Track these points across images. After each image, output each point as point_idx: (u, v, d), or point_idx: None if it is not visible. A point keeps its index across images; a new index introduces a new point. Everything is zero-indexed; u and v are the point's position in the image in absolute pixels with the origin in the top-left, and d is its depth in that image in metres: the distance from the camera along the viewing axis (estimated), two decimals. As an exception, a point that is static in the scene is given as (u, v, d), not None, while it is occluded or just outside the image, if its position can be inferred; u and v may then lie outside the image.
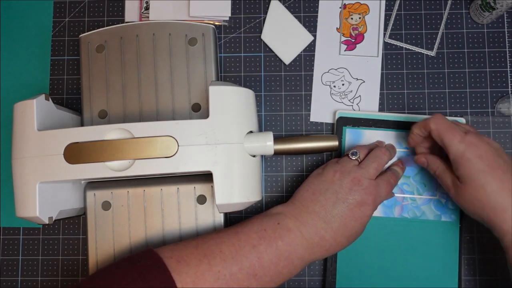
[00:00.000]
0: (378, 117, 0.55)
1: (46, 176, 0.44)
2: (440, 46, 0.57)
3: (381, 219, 0.53)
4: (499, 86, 0.56)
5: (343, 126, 0.55)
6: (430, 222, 0.53)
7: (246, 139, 0.46)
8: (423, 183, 0.54)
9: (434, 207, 0.53)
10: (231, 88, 0.46)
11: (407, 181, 0.54)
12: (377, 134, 0.54)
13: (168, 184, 0.51)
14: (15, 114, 0.46)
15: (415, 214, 0.53)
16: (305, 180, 0.48)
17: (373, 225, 0.52)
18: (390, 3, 0.58)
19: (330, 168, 0.47)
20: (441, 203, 0.53)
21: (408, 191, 0.54)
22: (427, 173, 0.53)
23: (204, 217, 0.51)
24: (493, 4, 0.52)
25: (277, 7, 0.58)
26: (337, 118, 0.55)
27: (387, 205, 0.53)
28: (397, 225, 0.53)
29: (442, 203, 0.53)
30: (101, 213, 0.51)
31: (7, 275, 0.56)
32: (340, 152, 0.55)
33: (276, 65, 0.58)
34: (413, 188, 0.54)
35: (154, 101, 0.53)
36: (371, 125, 0.54)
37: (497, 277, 0.54)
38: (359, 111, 0.56)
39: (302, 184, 0.48)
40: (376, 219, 0.53)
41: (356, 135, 0.55)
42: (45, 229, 0.57)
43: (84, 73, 0.54)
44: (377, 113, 0.55)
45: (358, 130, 0.55)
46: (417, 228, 0.53)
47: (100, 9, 0.59)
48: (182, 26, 0.54)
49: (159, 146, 0.44)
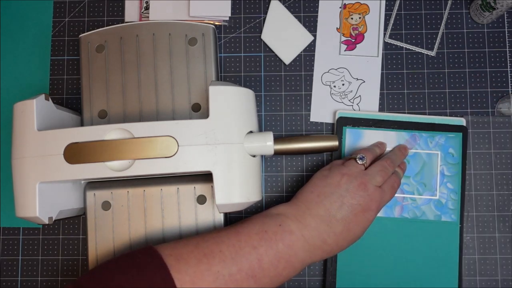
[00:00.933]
0: (378, 117, 0.55)
1: (46, 176, 0.44)
2: (440, 46, 0.57)
3: (381, 219, 0.53)
4: (499, 86, 0.56)
5: (343, 126, 0.55)
6: (430, 222, 0.53)
7: (246, 139, 0.46)
8: (423, 183, 0.54)
9: (434, 207, 0.53)
10: (231, 88, 0.46)
11: (407, 181, 0.54)
12: (378, 134, 0.54)
13: (168, 184, 0.51)
14: (15, 114, 0.46)
15: (415, 214, 0.53)
16: (309, 180, 0.48)
17: (373, 225, 0.52)
18: (390, 3, 0.58)
19: (337, 171, 0.46)
20: (441, 203, 0.53)
21: (408, 191, 0.54)
22: (427, 173, 0.53)
23: (204, 217, 0.51)
24: (493, 4, 0.52)
25: (277, 7, 0.58)
26: (337, 118, 0.55)
27: (387, 205, 0.53)
28: (397, 225, 0.53)
29: (442, 203, 0.53)
30: (101, 213, 0.51)
31: (7, 275, 0.56)
32: (340, 151, 0.55)
33: (276, 65, 0.58)
34: (413, 188, 0.54)
35: (154, 101, 0.53)
36: (371, 125, 0.54)
37: (497, 277, 0.54)
38: (359, 111, 0.56)
39: (306, 185, 0.48)
40: (376, 219, 0.52)
41: (356, 135, 0.55)
42: (45, 229, 0.57)
43: (84, 73, 0.54)
44: (377, 113, 0.55)
45: (358, 130, 0.54)
46: (417, 228, 0.53)
47: (100, 9, 0.59)
48: (182, 26, 0.54)
49: (159, 146, 0.44)
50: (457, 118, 0.55)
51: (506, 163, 0.55)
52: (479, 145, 0.55)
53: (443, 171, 0.54)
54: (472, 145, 0.55)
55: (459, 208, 0.53)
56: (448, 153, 0.54)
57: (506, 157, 0.55)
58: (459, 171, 0.54)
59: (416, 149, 0.54)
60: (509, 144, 0.55)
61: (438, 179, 0.54)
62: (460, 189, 0.53)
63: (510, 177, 0.55)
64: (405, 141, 0.54)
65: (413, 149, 0.54)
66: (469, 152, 0.55)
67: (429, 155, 0.54)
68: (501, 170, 0.55)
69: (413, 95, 0.57)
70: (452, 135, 0.54)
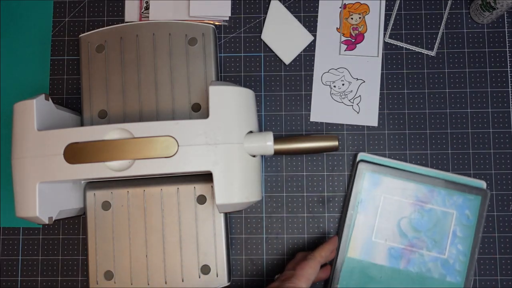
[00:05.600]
0: (400, 166, 0.55)
1: (46, 176, 0.44)
2: (440, 46, 0.57)
3: (386, 268, 0.53)
4: (499, 86, 0.56)
5: (363, 170, 0.54)
6: (434, 279, 0.52)
7: (246, 139, 0.46)
8: (433, 240, 0.53)
9: (441, 265, 0.52)
10: (231, 88, 0.46)
11: (418, 235, 0.53)
12: (396, 183, 0.54)
13: (168, 184, 0.51)
14: (15, 114, 0.46)
15: (421, 269, 0.53)
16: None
17: (377, 272, 0.53)
18: (390, 3, 0.58)
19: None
20: (449, 263, 0.53)
21: (417, 245, 0.53)
22: (439, 230, 0.53)
23: (204, 217, 0.51)
24: (493, 4, 0.52)
25: (277, 7, 0.58)
26: (358, 160, 0.55)
27: (394, 255, 0.53)
28: (401, 276, 0.53)
29: (449, 263, 0.53)
30: (101, 213, 0.51)
31: (7, 275, 0.56)
32: (352, 182, 0.54)
33: (276, 65, 0.58)
34: (423, 243, 0.53)
35: (154, 101, 0.53)
36: (392, 173, 0.54)
37: (497, 277, 0.54)
38: (382, 158, 0.55)
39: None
40: (380, 267, 0.53)
41: (375, 181, 0.54)
42: (45, 229, 0.57)
43: (84, 73, 0.54)
44: (399, 163, 0.55)
45: (378, 176, 0.54)
46: (420, 283, 0.52)
47: (100, 9, 0.59)
48: (182, 26, 0.54)
49: (159, 146, 0.44)
50: (478, 180, 0.54)
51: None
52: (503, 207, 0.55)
53: (455, 231, 0.53)
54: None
55: (465, 271, 0.52)
56: (463, 214, 0.53)
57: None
58: (472, 234, 0.53)
59: (432, 205, 0.53)
60: (509, 144, 0.55)
61: (449, 239, 0.53)
62: (470, 252, 0.53)
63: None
64: (422, 195, 0.53)
65: (429, 204, 0.53)
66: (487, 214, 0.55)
67: (444, 213, 0.53)
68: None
69: (413, 95, 0.57)
70: (471, 197, 0.53)
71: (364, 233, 0.54)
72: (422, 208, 0.54)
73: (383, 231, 0.54)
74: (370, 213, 0.54)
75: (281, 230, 0.56)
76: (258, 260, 0.56)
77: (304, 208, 0.56)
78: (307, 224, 0.56)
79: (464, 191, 0.53)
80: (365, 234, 0.54)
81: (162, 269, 0.51)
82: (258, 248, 0.56)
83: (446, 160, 0.56)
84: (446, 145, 0.56)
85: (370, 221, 0.54)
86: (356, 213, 0.54)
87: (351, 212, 0.54)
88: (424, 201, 0.53)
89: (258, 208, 0.56)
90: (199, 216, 0.51)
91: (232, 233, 0.56)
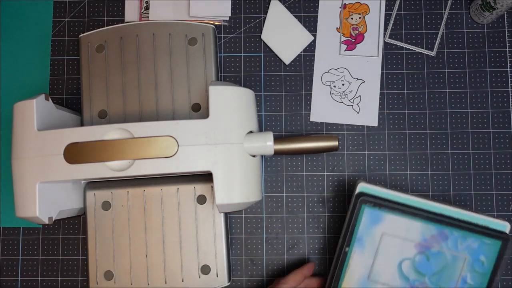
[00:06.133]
0: (405, 200, 0.47)
1: (46, 176, 0.44)
2: (440, 46, 0.57)
3: None
4: (499, 86, 0.56)
5: (362, 204, 0.47)
6: None
7: (246, 139, 0.46)
8: (439, 285, 0.47)
9: None
10: (231, 88, 0.46)
11: (421, 279, 0.47)
12: (400, 221, 0.47)
13: (168, 184, 0.51)
14: (15, 114, 0.46)
15: None
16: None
17: None
18: (390, 3, 0.58)
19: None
20: None
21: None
22: (446, 276, 0.47)
23: (204, 217, 0.51)
24: (493, 4, 0.52)
25: (277, 7, 0.58)
26: (356, 192, 0.48)
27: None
28: None
29: None
30: (101, 213, 0.51)
31: (7, 275, 0.56)
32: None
33: (276, 65, 0.58)
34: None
35: (154, 101, 0.53)
36: (395, 209, 0.47)
37: (497, 277, 0.54)
38: (385, 190, 0.48)
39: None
40: None
41: (375, 217, 0.47)
42: (45, 229, 0.57)
43: (84, 73, 0.54)
44: (405, 196, 0.48)
45: (379, 212, 0.47)
46: None
47: (100, 9, 0.59)
48: (182, 26, 0.54)
49: (159, 146, 0.44)
50: (501, 221, 0.47)
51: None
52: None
53: (465, 279, 0.47)
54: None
55: None
56: (477, 259, 0.46)
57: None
58: (485, 283, 0.46)
59: (442, 248, 0.47)
60: (509, 144, 0.55)
61: (457, 286, 0.47)
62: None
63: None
64: (430, 236, 0.47)
65: (437, 246, 0.47)
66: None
67: (454, 257, 0.47)
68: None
69: (413, 95, 0.57)
70: (489, 241, 0.46)
71: (359, 272, 0.48)
72: (428, 250, 0.47)
73: (380, 272, 0.48)
74: (368, 252, 0.48)
75: (281, 230, 0.56)
76: (258, 260, 0.56)
77: (304, 208, 0.56)
78: (307, 224, 0.56)
79: (482, 234, 0.46)
80: (360, 274, 0.48)
81: (162, 269, 0.51)
82: (258, 248, 0.56)
83: (446, 161, 0.56)
84: (446, 145, 0.56)
85: (367, 260, 0.48)
86: (351, 252, 0.48)
87: (346, 250, 0.48)
88: (432, 242, 0.47)
89: (258, 208, 0.56)
90: (199, 216, 0.51)
91: (232, 233, 0.56)
